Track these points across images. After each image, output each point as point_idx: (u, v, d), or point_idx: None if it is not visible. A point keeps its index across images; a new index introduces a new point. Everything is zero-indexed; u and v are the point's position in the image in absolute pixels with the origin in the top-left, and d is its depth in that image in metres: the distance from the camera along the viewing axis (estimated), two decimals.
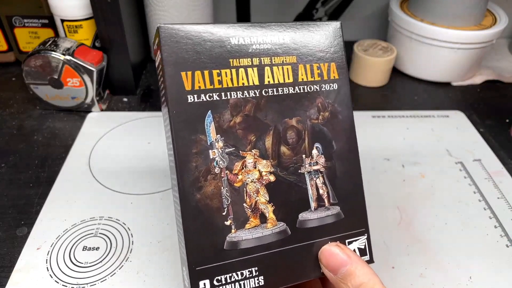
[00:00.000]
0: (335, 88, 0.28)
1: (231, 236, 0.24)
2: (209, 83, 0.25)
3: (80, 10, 0.55)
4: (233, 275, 0.24)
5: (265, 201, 0.25)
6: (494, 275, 0.37)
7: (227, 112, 0.25)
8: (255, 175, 0.25)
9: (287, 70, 0.27)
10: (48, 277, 0.36)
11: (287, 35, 0.27)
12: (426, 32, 0.62)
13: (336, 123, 0.28)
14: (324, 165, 0.27)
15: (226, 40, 0.26)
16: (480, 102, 0.63)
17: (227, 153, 0.25)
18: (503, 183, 0.47)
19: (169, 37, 0.24)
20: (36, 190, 0.45)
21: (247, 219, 0.25)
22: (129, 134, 0.53)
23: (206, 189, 0.24)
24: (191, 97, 0.24)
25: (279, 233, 0.25)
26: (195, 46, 0.25)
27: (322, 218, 0.26)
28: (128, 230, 0.40)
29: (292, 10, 0.67)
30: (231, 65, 0.25)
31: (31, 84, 0.54)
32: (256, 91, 0.26)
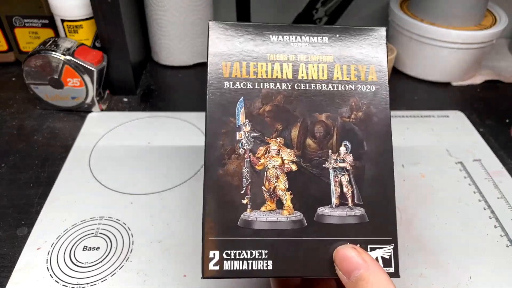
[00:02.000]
0: (371, 90, 0.28)
1: (246, 215, 0.25)
2: (245, 73, 0.27)
3: (80, 10, 0.55)
4: (243, 252, 0.25)
5: (284, 188, 0.26)
6: (494, 275, 0.37)
7: (258, 100, 0.27)
8: (277, 162, 0.26)
9: (322, 68, 0.28)
10: (48, 277, 0.36)
11: (327, 36, 0.29)
12: (426, 32, 0.62)
13: (370, 125, 0.28)
14: (352, 164, 0.27)
15: (267, 37, 0.28)
16: (480, 102, 0.63)
17: (252, 137, 0.26)
18: (503, 183, 0.47)
19: (216, 32, 0.28)
20: (36, 190, 0.45)
21: (264, 201, 0.26)
22: (129, 134, 0.53)
23: (228, 167, 0.26)
24: (227, 83, 0.27)
25: (294, 222, 0.26)
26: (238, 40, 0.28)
27: (343, 216, 0.26)
28: (128, 230, 0.40)
29: (292, 10, 0.67)
30: (268, 59, 0.28)
31: (31, 84, 0.54)
32: (289, 84, 0.28)
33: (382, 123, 0.28)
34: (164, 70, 0.69)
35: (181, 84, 0.66)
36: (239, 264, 0.24)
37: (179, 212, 0.43)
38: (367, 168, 0.27)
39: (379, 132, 0.28)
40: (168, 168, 0.48)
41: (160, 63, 0.70)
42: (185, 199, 0.44)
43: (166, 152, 0.50)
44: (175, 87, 0.65)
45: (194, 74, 0.69)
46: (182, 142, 0.52)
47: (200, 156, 0.50)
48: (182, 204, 0.43)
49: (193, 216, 0.42)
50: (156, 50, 0.69)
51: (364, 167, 0.27)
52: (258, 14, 0.71)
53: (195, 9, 0.64)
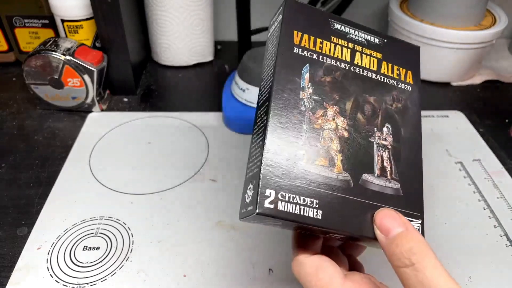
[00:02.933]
0: (408, 89, 0.34)
1: (301, 164, 0.27)
2: (313, 45, 0.31)
3: (81, 10, 0.55)
4: (296, 197, 0.26)
5: (336, 149, 0.28)
6: (493, 275, 0.37)
7: (321, 70, 0.30)
8: (332, 125, 0.29)
9: (373, 60, 0.33)
10: (49, 277, 0.36)
11: (378, 39, 0.34)
12: (426, 32, 0.62)
13: (406, 116, 0.32)
14: (392, 144, 0.30)
15: (332, 23, 0.32)
16: (480, 102, 0.63)
17: (313, 99, 0.29)
18: (502, 183, 0.47)
19: (291, 5, 0.31)
20: (37, 190, 0.45)
21: (319, 156, 0.28)
22: (129, 134, 0.53)
23: (290, 118, 0.28)
24: (297, 49, 0.30)
25: (343, 181, 0.28)
26: (310, 17, 0.32)
27: (383, 186, 0.29)
28: (129, 230, 0.40)
29: None
30: (331, 40, 0.32)
31: (31, 84, 0.54)
32: (346, 65, 0.31)
33: (415, 117, 0.33)
34: (164, 70, 0.69)
35: (181, 84, 0.66)
36: (292, 208, 0.26)
37: (179, 212, 0.43)
38: (403, 150, 0.31)
39: (412, 123, 0.32)
40: (168, 168, 0.48)
41: (160, 63, 0.70)
42: (185, 199, 0.44)
43: (166, 152, 0.50)
44: (175, 87, 0.65)
45: (194, 74, 0.69)
46: (182, 142, 0.52)
47: (200, 156, 0.50)
48: (182, 204, 0.44)
49: (193, 216, 0.42)
50: (156, 50, 0.69)
51: (401, 149, 0.31)
52: (258, 14, 0.71)
53: (195, 9, 0.64)
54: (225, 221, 0.42)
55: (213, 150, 0.51)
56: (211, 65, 0.71)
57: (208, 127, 0.55)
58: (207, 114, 0.57)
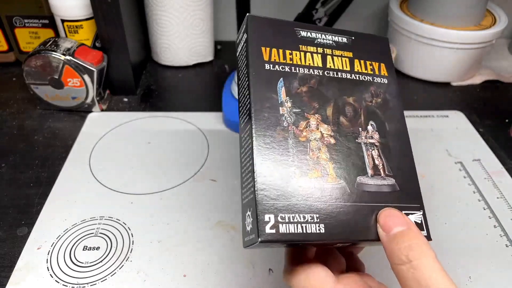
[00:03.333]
0: (385, 82, 0.33)
1: (295, 180, 0.27)
2: (283, 58, 0.31)
3: (81, 10, 0.55)
4: (296, 216, 0.26)
5: (326, 158, 0.28)
6: (493, 275, 0.37)
7: (296, 81, 0.30)
8: (317, 135, 0.29)
9: (345, 61, 0.33)
10: (49, 277, 0.36)
11: (345, 38, 0.34)
12: (426, 32, 0.62)
13: (387, 109, 0.32)
14: (379, 140, 0.30)
15: (297, 32, 0.32)
16: (480, 102, 0.63)
17: (294, 113, 0.29)
18: (502, 183, 0.47)
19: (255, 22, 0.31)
20: (37, 190, 0.45)
21: (310, 169, 0.27)
22: (129, 134, 0.53)
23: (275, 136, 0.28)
24: (268, 65, 0.30)
25: (339, 189, 0.27)
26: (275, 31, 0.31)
27: (379, 185, 0.29)
28: (129, 230, 0.40)
29: (292, 10, 0.67)
30: (300, 49, 0.32)
31: (31, 84, 0.54)
32: (320, 71, 0.31)
33: (396, 108, 0.32)
34: (164, 70, 0.69)
35: (181, 84, 0.66)
36: (294, 227, 0.25)
37: (179, 212, 0.43)
38: (391, 144, 0.31)
39: (395, 115, 0.32)
40: (168, 168, 0.48)
41: (160, 63, 0.70)
42: (185, 199, 0.44)
43: (166, 152, 0.50)
44: (175, 87, 0.65)
45: (194, 74, 0.69)
46: (182, 142, 0.52)
47: (200, 156, 0.50)
48: (182, 204, 0.44)
49: (193, 216, 0.42)
50: (156, 50, 0.69)
51: (389, 144, 0.31)
52: (258, 15, 0.71)
53: (195, 9, 0.64)
54: (225, 221, 0.42)
55: (213, 150, 0.51)
56: (211, 65, 0.71)
57: (208, 127, 0.55)
58: (207, 114, 0.57)
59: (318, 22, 0.66)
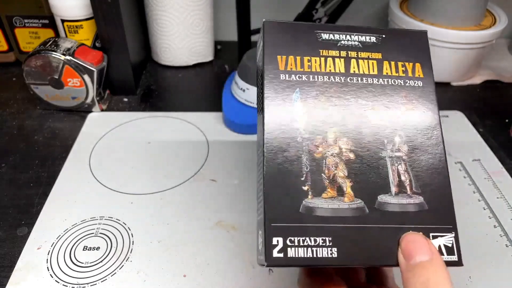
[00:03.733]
0: (419, 85, 0.30)
1: (307, 201, 0.25)
2: (300, 66, 0.29)
3: (81, 10, 0.55)
4: (306, 239, 0.24)
5: (344, 175, 0.26)
6: (493, 275, 0.37)
7: (314, 91, 0.28)
8: (335, 150, 0.27)
9: (372, 64, 0.30)
10: (49, 277, 0.36)
11: (374, 37, 0.30)
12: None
13: (421, 116, 0.29)
14: (407, 153, 0.28)
15: (318, 34, 0.30)
16: (480, 102, 0.63)
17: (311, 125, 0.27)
18: (502, 183, 0.47)
19: (270, 28, 0.29)
20: (37, 190, 0.45)
21: (325, 188, 0.26)
22: (129, 134, 0.53)
23: (288, 154, 0.26)
24: (283, 75, 0.28)
25: (356, 209, 0.25)
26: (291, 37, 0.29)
27: (403, 204, 0.26)
28: (129, 230, 0.40)
29: (292, 10, 0.67)
30: (321, 54, 0.29)
31: (31, 84, 0.54)
32: (342, 77, 0.29)
33: (431, 115, 0.29)
34: (164, 70, 0.69)
35: (181, 84, 0.66)
36: (303, 252, 0.24)
37: (179, 212, 0.43)
38: (422, 158, 0.28)
39: (429, 123, 0.29)
40: (168, 168, 0.48)
41: (160, 63, 0.70)
42: (185, 199, 0.44)
43: (166, 152, 0.50)
44: (175, 87, 0.65)
45: (194, 74, 0.69)
46: (182, 142, 0.52)
47: (200, 156, 0.50)
48: (182, 204, 0.44)
49: (193, 216, 0.42)
50: (156, 50, 0.69)
51: (419, 157, 0.28)
52: (258, 15, 0.71)
53: (195, 9, 0.64)
54: (225, 221, 0.42)
55: (213, 150, 0.51)
56: (211, 65, 0.71)
57: (208, 127, 0.55)
58: (207, 114, 0.57)
59: (318, 22, 0.66)
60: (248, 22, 0.63)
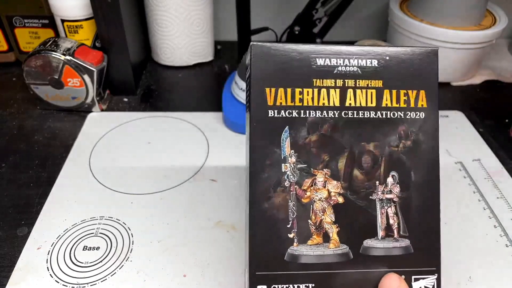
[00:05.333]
0: (421, 117, 0.27)
1: (292, 249, 0.25)
2: (290, 100, 0.26)
3: (81, 10, 0.55)
4: (290, 286, 0.25)
5: (331, 221, 0.26)
6: (493, 275, 0.37)
7: (304, 129, 0.26)
8: (323, 194, 0.26)
9: (371, 94, 0.27)
10: (49, 277, 0.36)
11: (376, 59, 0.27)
12: (426, 32, 0.62)
13: (418, 153, 0.27)
14: (399, 195, 0.26)
15: (313, 60, 0.26)
16: (480, 102, 0.63)
17: (298, 169, 0.25)
18: (502, 183, 0.47)
19: (258, 54, 0.26)
20: (37, 190, 0.45)
21: (310, 235, 0.25)
22: (129, 134, 0.53)
23: (274, 200, 0.25)
24: (272, 111, 0.26)
25: (341, 255, 0.25)
26: (282, 64, 0.26)
27: (389, 248, 0.26)
28: (129, 230, 0.40)
29: (292, 10, 0.67)
30: (314, 85, 0.26)
31: (31, 84, 0.54)
32: (336, 112, 0.26)
33: (430, 151, 0.27)
34: (164, 70, 0.69)
35: (181, 84, 0.66)
36: None
37: (179, 212, 0.43)
38: (414, 198, 0.26)
39: (427, 160, 0.27)
40: (168, 168, 0.48)
41: (160, 63, 0.70)
42: (185, 199, 0.44)
43: (166, 152, 0.50)
44: (175, 87, 0.65)
45: (194, 74, 0.69)
46: (182, 142, 0.52)
47: (200, 156, 0.50)
48: (182, 204, 0.44)
49: (193, 216, 0.42)
50: (156, 50, 0.69)
51: (411, 198, 0.26)
52: (258, 15, 0.71)
53: (195, 9, 0.64)
54: (225, 221, 0.42)
55: (213, 150, 0.51)
56: (211, 65, 0.71)
57: (208, 127, 0.55)
58: (207, 114, 0.57)
59: (318, 22, 0.66)
60: (248, 22, 0.63)
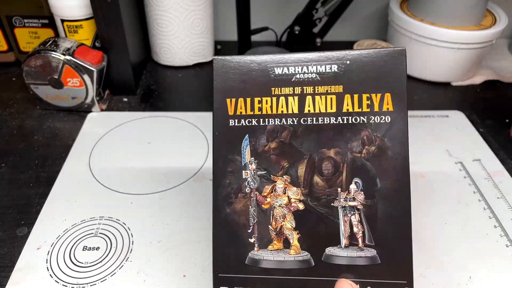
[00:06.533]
0: (386, 121, 0.26)
1: (253, 253, 0.25)
2: (250, 109, 0.27)
3: (80, 10, 0.55)
4: None
5: (291, 227, 0.26)
6: (493, 275, 0.37)
7: (264, 137, 0.26)
8: (283, 201, 0.26)
9: (330, 99, 0.26)
10: (48, 277, 0.36)
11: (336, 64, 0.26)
12: (426, 32, 0.62)
13: (384, 160, 0.26)
14: (363, 202, 0.26)
15: (271, 70, 0.27)
16: (480, 102, 0.63)
17: (258, 176, 0.26)
18: (502, 183, 0.47)
19: (220, 68, 0.28)
20: (36, 190, 0.45)
21: (271, 241, 0.26)
22: (129, 134, 0.53)
23: (235, 206, 0.26)
24: (232, 121, 0.27)
25: (301, 262, 0.25)
26: (242, 75, 0.27)
27: (352, 257, 0.25)
28: (128, 230, 0.40)
29: (292, 10, 0.67)
30: (272, 94, 0.27)
31: (31, 84, 0.54)
32: (295, 119, 0.26)
33: (398, 157, 0.26)
34: (164, 70, 0.69)
35: (181, 84, 0.66)
36: None
37: (179, 212, 0.43)
38: (380, 206, 0.26)
39: (394, 167, 0.26)
40: (168, 168, 0.48)
41: (160, 63, 0.70)
42: (185, 199, 0.44)
43: (166, 152, 0.50)
44: (175, 87, 0.65)
45: (194, 74, 0.69)
46: (182, 142, 0.52)
47: (200, 156, 0.50)
48: (182, 204, 0.43)
49: (193, 216, 0.42)
50: (156, 50, 0.69)
51: (377, 206, 0.26)
52: (258, 15, 0.71)
53: (195, 9, 0.64)
54: None
55: None
56: (211, 65, 0.71)
57: (208, 127, 0.55)
58: (207, 114, 0.57)
59: (318, 22, 0.66)
60: (248, 22, 0.63)
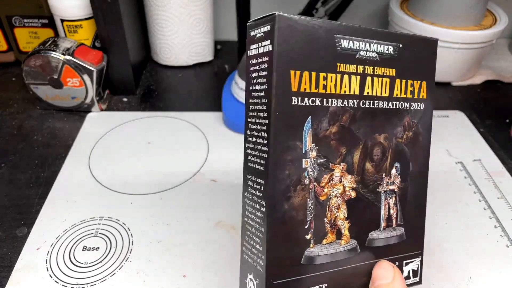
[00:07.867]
0: (421, 108, 0.27)
1: (309, 251, 0.24)
2: (315, 85, 0.23)
3: (80, 10, 0.55)
4: None
5: (344, 217, 0.25)
6: (494, 275, 0.37)
7: (326, 120, 0.24)
8: (339, 190, 0.25)
9: (385, 83, 0.26)
10: (48, 277, 0.36)
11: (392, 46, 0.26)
12: (426, 32, 0.62)
13: (416, 145, 0.27)
14: (399, 185, 0.27)
15: (338, 41, 0.24)
16: (480, 102, 0.63)
17: (318, 164, 0.24)
18: (503, 183, 0.47)
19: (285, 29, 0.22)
20: (36, 190, 0.45)
21: (325, 234, 0.25)
22: (129, 134, 0.53)
23: (294, 200, 0.23)
24: (296, 99, 0.23)
25: (350, 251, 0.25)
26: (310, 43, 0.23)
27: (388, 238, 0.27)
28: (128, 230, 0.40)
29: (292, 10, 0.67)
30: (337, 70, 0.24)
31: (31, 84, 0.54)
32: (355, 101, 0.25)
33: (425, 143, 0.27)
34: (164, 70, 0.69)
35: (181, 84, 0.66)
36: None
37: (179, 212, 0.42)
38: (410, 189, 0.27)
39: (422, 152, 0.27)
40: (168, 168, 0.48)
41: (160, 63, 0.70)
42: (185, 199, 0.44)
43: (166, 152, 0.50)
44: (175, 87, 0.65)
45: (194, 74, 0.69)
46: (182, 142, 0.52)
47: (200, 156, 0.50)
48: (182, 204, 0.43)
49: (193, 216, 0.42)
50: (156, 50, 0.69)
51: (408, 188, 0.27)
52: (258, 14, 0.71)
53: (195, 9, 0.64)
54: (225, 221, 0.42)
55: (213, 150, 0.51)
56: (211, 65, 0.71)
57: (208, 127, 0.55)
58: (207, 114, 0.57)
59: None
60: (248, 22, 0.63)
